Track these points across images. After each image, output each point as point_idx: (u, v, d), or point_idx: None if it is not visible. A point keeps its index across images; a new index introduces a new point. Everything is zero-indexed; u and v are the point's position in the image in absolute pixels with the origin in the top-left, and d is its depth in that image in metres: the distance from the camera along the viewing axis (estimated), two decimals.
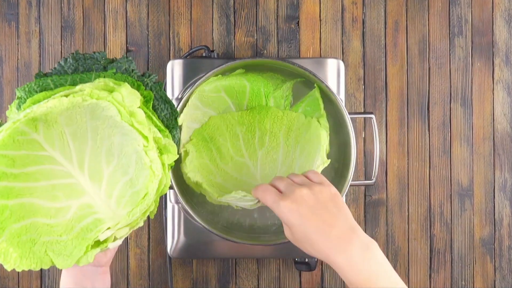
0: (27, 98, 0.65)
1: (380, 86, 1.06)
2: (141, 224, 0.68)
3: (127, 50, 1.05)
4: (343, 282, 1.04)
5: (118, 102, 0.65)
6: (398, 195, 1.05)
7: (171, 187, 0.81)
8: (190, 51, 1.02)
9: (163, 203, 0.99)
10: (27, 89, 0.66)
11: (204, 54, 1.01)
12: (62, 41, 1.05)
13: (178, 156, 0.70)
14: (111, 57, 0.72)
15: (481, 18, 1.07)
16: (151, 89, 0.70)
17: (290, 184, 0.67)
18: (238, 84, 0.85)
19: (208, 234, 0.94)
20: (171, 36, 1.05)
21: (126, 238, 1.04)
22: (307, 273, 1.04)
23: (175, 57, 1.05)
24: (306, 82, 0.87)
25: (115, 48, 1.05)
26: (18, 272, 1.04)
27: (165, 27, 1.05)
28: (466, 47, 1.07)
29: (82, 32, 1.05)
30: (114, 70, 0.68)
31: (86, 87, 0.65)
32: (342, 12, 1.06)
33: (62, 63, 0.69)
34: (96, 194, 0.67)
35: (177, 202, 0.93)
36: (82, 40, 1.05)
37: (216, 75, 0.84)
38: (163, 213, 0.99)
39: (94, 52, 0.70)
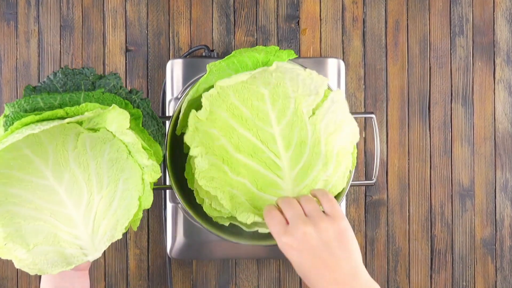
0: (14, 119, 0.66)
1: (380, 86, 1.06)
2: (120, 237, 0.70)
3: (127, 50, 1.05)
4: None
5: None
6: (399, 196, 1.05)
7: (170, 188, 0.81)
8: (190, 51, 1.02)
9: (163, 203, 0.99)
10: (16, 106, 0.67)
11: (204, 54, 1.01)
12: (61, 40, 1.05)
13: (161, 174, 0.71)
14: (99, 73, 0.74)
15: (482, 17, 1.06)
16: (138, 106, 0.72)
17: (297, 216, 0.64)
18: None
19: (208, 235, 0.93)
20: (170, 35, 1.05)
21: (126, 239, 1.03)
22: None
23: (174, 57, 1.05)
24: None
25: (114, 47, 1.05)
26: (17, 273, 1.03)
27: (165, 26, 1.05)
28: (467, 47, 1.06)
29: (81, 32, 1.05)
30: (103, 90, 0.70)
31: (75, 120, 0.67)
32: (343, 12, 1.06)
33: (52, 77, 0.70)
34: (84, 232, 0.70)
35: (176, 202, 0.93)
36: (81, 39, 1.05)
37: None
38: (163, 213, 0.99)
39: (83, 68, 0.70)
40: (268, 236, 0.87)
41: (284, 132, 0.73)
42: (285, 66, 0.72)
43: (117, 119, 0.67)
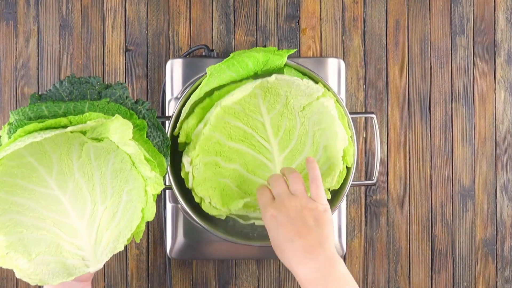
0: (18, 126, 0.66)
1: (381, 86, 1.05)
2: (122, 248, 0.70)
3: (126, 49, 1.05)
4: None
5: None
6: (399, 196, 1.05)
7: (170, 188, 0.81)
8: (190, 50, 1.01)
9: (163, 203, 0.99)
10: (21, 113, 0.66)
11: (203, 54, 1.01)
12: (61, 40, 1.05)
13: (164, 186, 0.72)
14: (107, 82, 0.73)
15: (483, 17, 1.06)
16: (144, 117, 0.72)
17: (283, 192, 0.70)
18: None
19: (208, 235, 0.93)
20: (170, 35, 1.05)
21: None
22: None
23: (174, 57, 1.04)
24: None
25: (114, 47, 1.04)
26: None
27: (165, 26, 1.05)
28: (468, 46, 1.06)
29: (81, 31, 1.04)
30: (108, 100, 0.70)
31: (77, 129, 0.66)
32: (343, 11, 1.06)
33: (58, 85, 0.70)
34: (87, 242, 0.69)
35: (176, 202, 0.93)
36: (80, 39, 1.04)
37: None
38: (162, 214, 0.98)
39: (90, 77, 0.70)
40: (267, 236, 0.87)
41: (273, 120, 0.78)
42: (284, 77, 0.75)
43: (120, 130, 0.66)
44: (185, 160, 0.77)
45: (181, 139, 0.79)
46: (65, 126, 0.66)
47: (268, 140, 0.79)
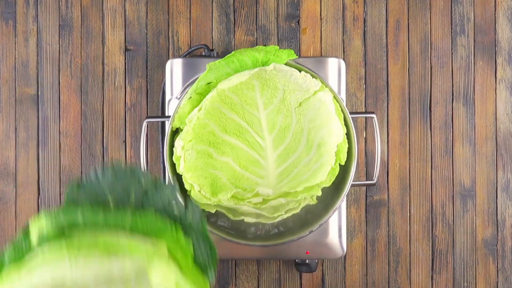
0: (48, 239, 0.58)
1: (381, 86, 1.05)
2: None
3: (126, 49, 1.04)
4: (344, 283, 1.03)
5: None
6: (400, 196, 1.04)
7: None
8: (190, 50, 1.01)
9: None
10: (54, 219, 0.59)
11: (203, 53, 1.00)
12: (60, 40, 1.04)
13: None
14: (152, 173, 0.66)
15: (483, 16, 1.06)
16: (190, 226, 0.62)
17: None
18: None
19: None
20: (170, 35, 1.05)
21: None
22: (307, 275, 1.03)
23: (174, 56, 1.04)
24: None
25: (113, 47, 1.04)
26: None
27: (164, 26, 1.05)
28: (469, 46, 1.06)
29: (80, 31, 1.04)
30: (154, 213, 0.61)
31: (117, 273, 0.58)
32: (343, 11, 1.05)
33: (99, 175, 0.62)
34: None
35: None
36: (80, 39, 1.04)
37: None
38: None
39: (136, 169, 0.62)
40: (267, 236, 0.86)
41: (269, 116, 0.79)
42: (282, 67, 0.77)
43: (161, 274, 0.57)
44: (178, 144, 0.77)
45: (176, 123, 0.79)
46: (101, 255, 0.57)
47: (262, 136, 0.79)
